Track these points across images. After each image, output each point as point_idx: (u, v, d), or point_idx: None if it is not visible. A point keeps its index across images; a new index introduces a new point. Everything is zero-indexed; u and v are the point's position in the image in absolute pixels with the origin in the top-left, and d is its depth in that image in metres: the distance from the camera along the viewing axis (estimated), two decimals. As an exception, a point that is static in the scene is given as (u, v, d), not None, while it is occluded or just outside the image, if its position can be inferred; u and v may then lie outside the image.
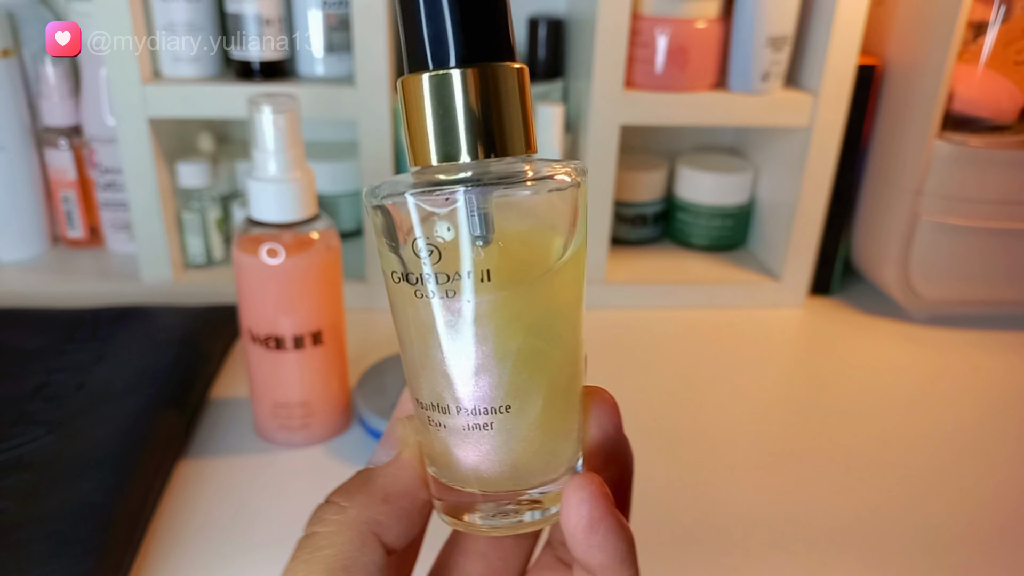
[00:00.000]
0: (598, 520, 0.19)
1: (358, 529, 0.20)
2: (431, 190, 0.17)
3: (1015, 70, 0.59)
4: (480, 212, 0.17)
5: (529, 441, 0.20)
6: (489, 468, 0.20)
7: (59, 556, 0.37)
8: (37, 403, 0.48)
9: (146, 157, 0.60)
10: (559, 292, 0.19)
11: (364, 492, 0.20)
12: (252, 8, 0.58)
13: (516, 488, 0.20)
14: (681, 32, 0.60)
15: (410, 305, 0.19)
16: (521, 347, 0.19)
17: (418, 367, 0.19)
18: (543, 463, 0.20)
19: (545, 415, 0.20)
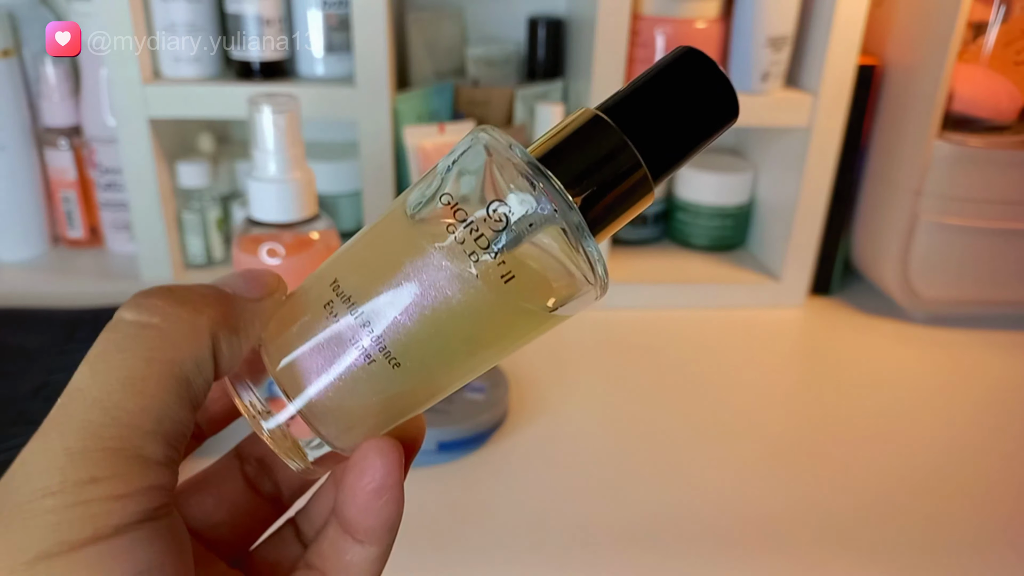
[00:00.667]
0: (388, 488, 0.19)
1: (206, 340, 0.18)
2: (528, 166, 0.19)
3: (1015, 70, 0.60)
4: (533, 220, 0.19)
5: (384, 400, 0.20)
6: (332, 395, 0.20)
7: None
8: (37, 403, 0.48)
9: (146, 157, 0.60)
10: (525, 329, 0.20)
11: (220, 306, 0.18)
12: (252, 8, 0.58)
13: (323, 426, 0.20)
14: (681, 32, 0.60)
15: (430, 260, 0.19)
16: (465, 345, 0.20)
17: (374, 268, 0.20)
18: (353, 425, 0.20)
19: (412, 396, 0.20)
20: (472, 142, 0.20)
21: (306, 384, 0.20)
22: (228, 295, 0.19)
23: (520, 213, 0.19)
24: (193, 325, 0.18)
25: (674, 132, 0.21)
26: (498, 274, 0.19)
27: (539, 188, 0.19)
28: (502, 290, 0.19)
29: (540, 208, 0.19)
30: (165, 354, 0.17)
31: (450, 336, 0.20)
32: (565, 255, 0.20)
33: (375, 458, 0.19)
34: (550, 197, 0.19)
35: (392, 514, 0.19)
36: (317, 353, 0.20)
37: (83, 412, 0.16)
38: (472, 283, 0.19)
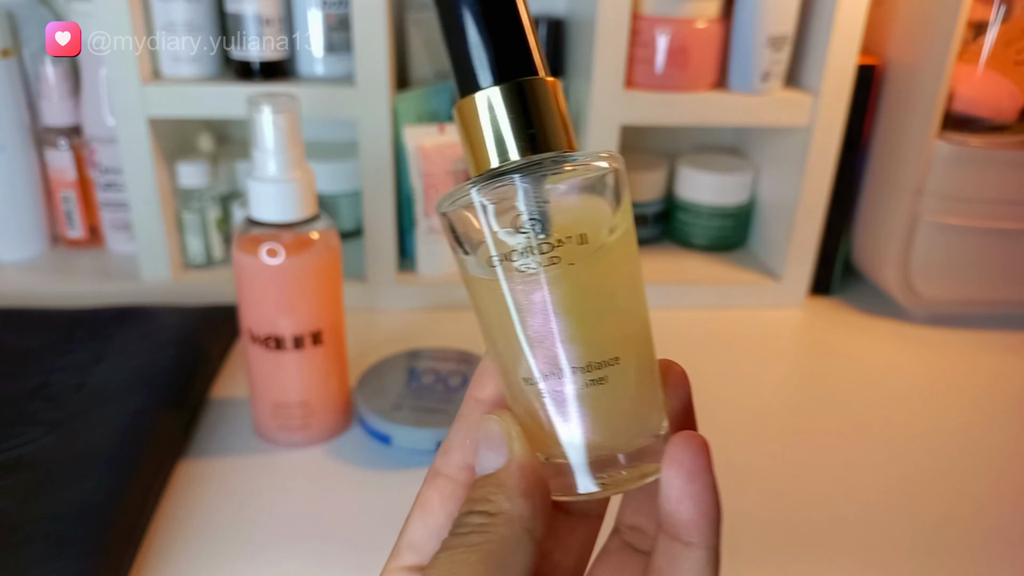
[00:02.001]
0: (699, 472, 0.20)
1: (512, 527, 0.20)
2: (490, 184, 0.21)
3: (1015, 70, 0.59)
4: (536, 198, 0.21)
5: (631, 393, 0.22)
6: (600, 426, 0.21)
7: (59, 556, 0.37)
8: (37, 403, 0.48)
9: (146, 157, 0.60)
10: (627, 258, 0.22)
11: (502, 495, 0.21)
12: (252, 8, 0.58)
13: (617, 449, 0.22)
14: (681, 32, 0.60)
15: (513, 286, 0.21)
16: (613, 307, 0.22)
17: (526, 345, 0.21)
18: (639, 421, 0.22)
19: (640, 367, 0.22)
20: (446, 217, 0.22)
21: (582, 440, 0.22)
22: (495, 478, 0.21)
23: (524, 210, 0.21)
24: (500, 520, 0.20)
25: (496, 35, 0.21)
26: (553, 250, 0.21)
27: (501, 185, 0.21)
28: (576, 255, 0.21)
29: (522, 186, 0.21)
30: (480, 548, 0.20)
31: (605, 312, 0.22)
32: (579, 186, 0.21)
33: (677, 443, 0.21)
34: (517, 176, 0.21)
35: (709, 503, 0.20)
36: (565, 418, 0.22)
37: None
38: (554, 272, 0.21)
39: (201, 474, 0.46)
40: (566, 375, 0.21)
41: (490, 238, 0.21)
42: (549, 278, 0.21)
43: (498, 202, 0.21)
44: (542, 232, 0.21)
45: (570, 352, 0.21)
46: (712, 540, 0.21)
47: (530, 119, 0.21)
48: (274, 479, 0.46)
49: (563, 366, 0.21)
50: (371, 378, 0.52)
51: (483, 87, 0.21)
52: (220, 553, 0.41)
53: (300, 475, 0.47)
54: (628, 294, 0.22)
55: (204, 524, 0.43)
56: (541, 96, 0.21)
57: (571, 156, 0.21)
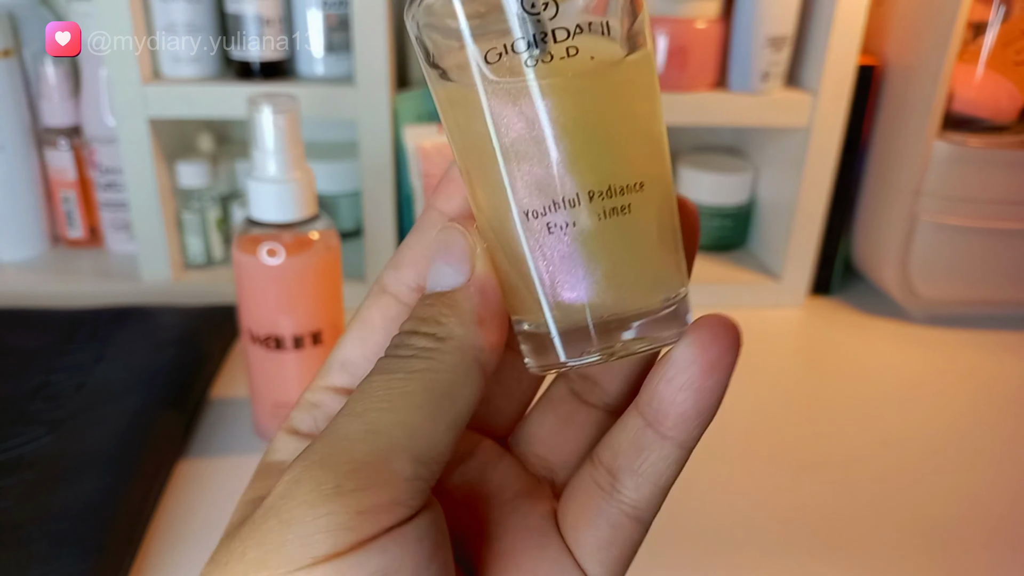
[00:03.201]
0: (721, 367, 0.17)
1: (462, 356, 0.17)
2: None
3: (1015, 70, 0.59)
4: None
5: (654, 232, 0.18)
6: (614, 274, 0.17)
7: (59, 556, 0.37)
8: (37, 403, 0.48)
9: (146, 157, 0.60)
10: (645, 80, 0.18)
11: (454, 318, 0.18)
12: (252, 8, 0.58)
13: (628, 310, 0.18)
14: (681, 32, 0.60)
15: (506, 97, 0.17)
16: (637, 129, 0.18)
17: (518, 170, 0.17)
18: (658, 274, 0.18)
19: (663, 202, 0.18)
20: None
21: (581, 296, 0.17)
22: (449, 297, 0.18)
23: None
24: (447, 348, 0.17)
25: None
26: (564, 42, 0.16)
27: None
28: (578, 67, 0.17)
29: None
30: (420, 375, 0.17)
31: (627, 128, 0.17)
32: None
33: (708, 325, 0.18)
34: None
35: (712, 402, 0.18)
36: (567, 265, 0.17)
37: (345, 424, 0.17)
38: (558, 75, 0.16)
39: (201, 474, 0.46)
40: (581, 201, 0.17)
41: (468, 40, 0.16)
42: (557, 82, 0.16)
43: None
44: (535, 34, 0.16)
45: (586, 171, 0.17)
46: (693, 441, 0.18)
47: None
48: (274, 479, 0.46)
49: (578, 189, 0.17)
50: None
51: None
52: (220, 553, 0.41)
53: (300, 475, 0.47)
54: (650, 122, 0.18)
55: (204, 524, 0.43)
56: None
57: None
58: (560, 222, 0.17)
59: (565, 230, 0.17)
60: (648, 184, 0.17)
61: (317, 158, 0.68)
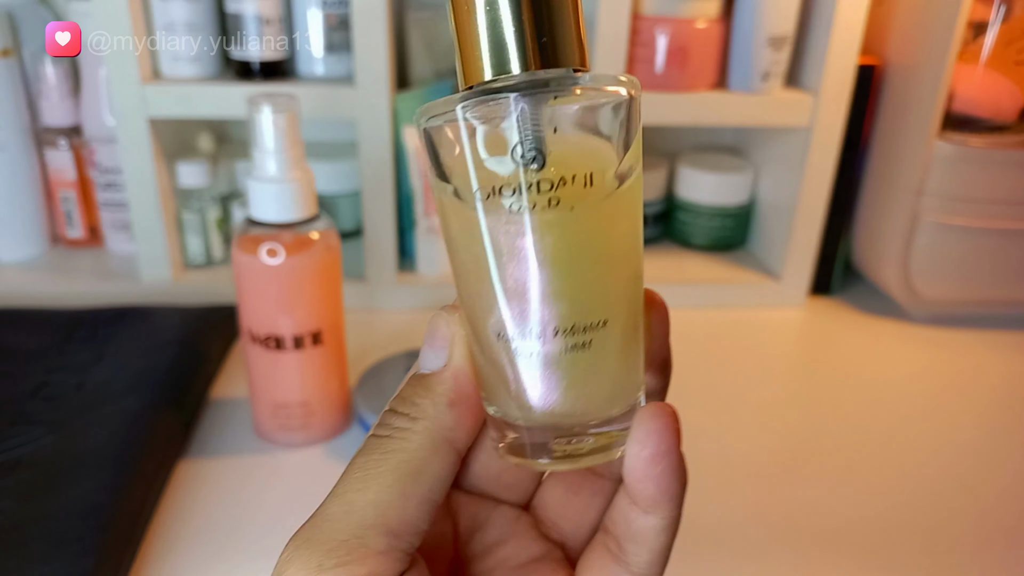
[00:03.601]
0: (664, 454, 0.19)
1: (431, 436, 0.20)
2: (482, 101, 0.17)
3: (1015, 70, 0.59)
4: (534, 125, 0.17)
5: (616, 358, 0.19)
6: (573, 395, 0.19)
7: (59, 556, 0.37)
8: (37, 403, 0.48)
9: (146, 157, 0.60)
10: (631, 209, 0.19)
11: (428, 400, 0.20)
12: (252, 8, 0.57)
13: (588, 420, 0.19)
14: (681, 32, 0.60)
15: (497, 227, 0.18)
16: (610, 261, 0.19)
17: (504, 297, 0.18)
18: (616, 391, 0.20)
19: (627, 331, 0.19)
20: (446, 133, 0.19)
21: (552, 408, 0.19)
22: (425, 381, 0.20)
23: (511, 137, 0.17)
24: (415, 430, 0.20)
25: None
26: (554, 190, 0.17)
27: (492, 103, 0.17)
28: (578, 198, 0.18)
29: (520, 107, 0.17)
30: (391, 457, 0.19)
31: (600, 268, 0.19)
32: (581, 113, 0.18)
33: (644, 420, 0.19)
34: (515, 95, 0.17)
35: (671, 483, 0.19)
36: (536, 383, 0.19)
37: (331, 507, 0.19)
38: (551, 216, 0.18)
39: (201, 474, 0.46)
40: (546, 336, 0.18)
41: (473, 167, 0.18)
42: (542, 222, 0.17)
43: (488, 123, 0.17)
44: (539, 165, 0.17)
45: (553, 310, 0.18)
46: (673, 513, 0.20)
47: (539, 26, 0.17)
48: (274, 479, 0.46)
49: (544, 326, 0.18)
50: (371, 378, 0.52)
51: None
52: (220, 553, 0.41)
53: (300, 475, 0.47)
54: (627, 248, 0.19)
55: (204, 524, 0.43)
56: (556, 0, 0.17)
57: (582, 77, 0.18)
58: (526, 350, 0.19)
59: (530, 357, 0.19)
60: (611, 320, 0.19)
61: (317, 158, 0.68)
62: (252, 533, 0.42)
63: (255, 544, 0.41)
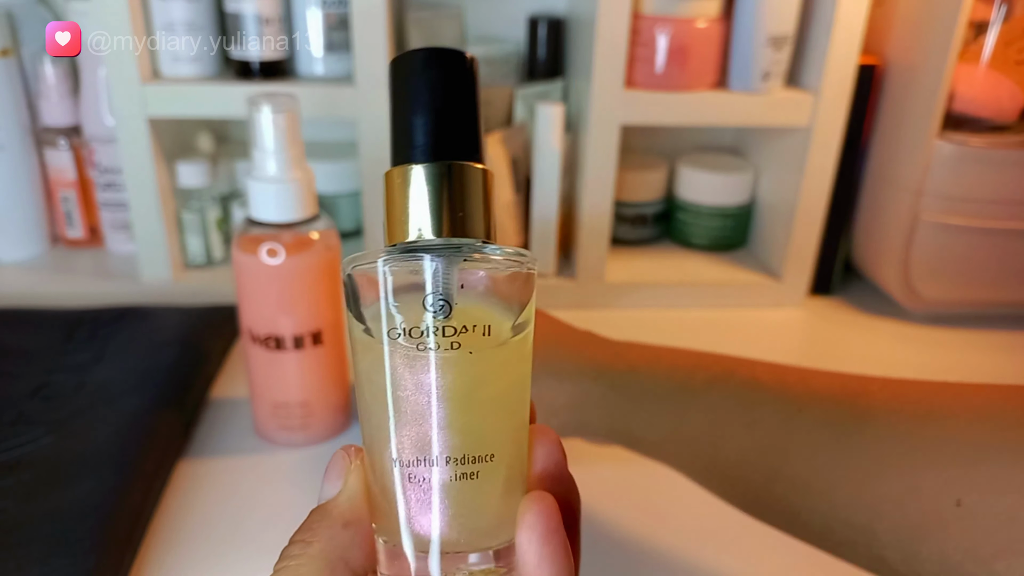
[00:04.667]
0: (552, 532, 0.21)
1: (325, 557, 0.21)
2: (401, 257, 0.21)
3: (1016, 70, 0.59)
4: (444, 280, 0.21)
5: (500, 491, 0.22)
6: (458, 524, 0.21)
7: (59, 556, 0.37)
8: (37, 403, 0.48)
9: (146, 157, 0.60)
10: (521, 360, 0.22)
11: (324, 524, 0.22)
12: (252, 8, 0.57)
13: (470, 549, 0.22)
14: (681, 31, 0.60)
15: (400, 362, 0.21)
16: (500, 403, 0.22)
17: (403, 423, 0.21)
18: (498, 523, 0.22)
19: (511, 469, 0.22)
20: (358, 280, 0.21)
21: (435, 533, 0.21)
22: (323, 509, 0.22)
23: (430, 283, 0.21)
24: (309, 556, 0.21)
25: (448, 120, 0.21)
26: (456, 335, 0.21)
27: (412, 258, 0.21)
28: (477, 344, 0.21)
29: (432, 265, 0.20)
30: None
31: (492, 407, 0.21)
32: (488, 279, 0.21)
33: (527, 507, 0.21)
34: (429, 254, 0.20)
35: (562, 560, 0.21)
36: (423, 508, 0.21)
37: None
38: (451, 357, 0.21)
39: (201, 474, 0.46)
40: (438, 463, 0.21)
41: (386, 310, 0.21)
42: (445, 361, 0.21)
43: (402, 275, 0.21)
44: (442, 316, 0.20)
45: (446, 440, 0.21)
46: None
47: (455, 202, 0.21)
48: (274, 479, 0.46)
49: (437, 453, 0.21)
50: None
51: (415, 161, 0.21)
52: (220, 553, 0.41)
53: (300, 475, 0.47)
54: (517, 394, 0.22)
55: (204, 524, 0.43)
56: (470, 183, 0.21)
57: (487, 247, 0.21)
58: (419, 475, 0.21)
59: (422, 483, 0.21)
60: (498, 456, 0.21)
61: (317, 158, 0.68)
62: (252, 533, 0.42)
63: (255, 544, 0.41)
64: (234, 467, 0.47)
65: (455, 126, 0.21)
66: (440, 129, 0.21)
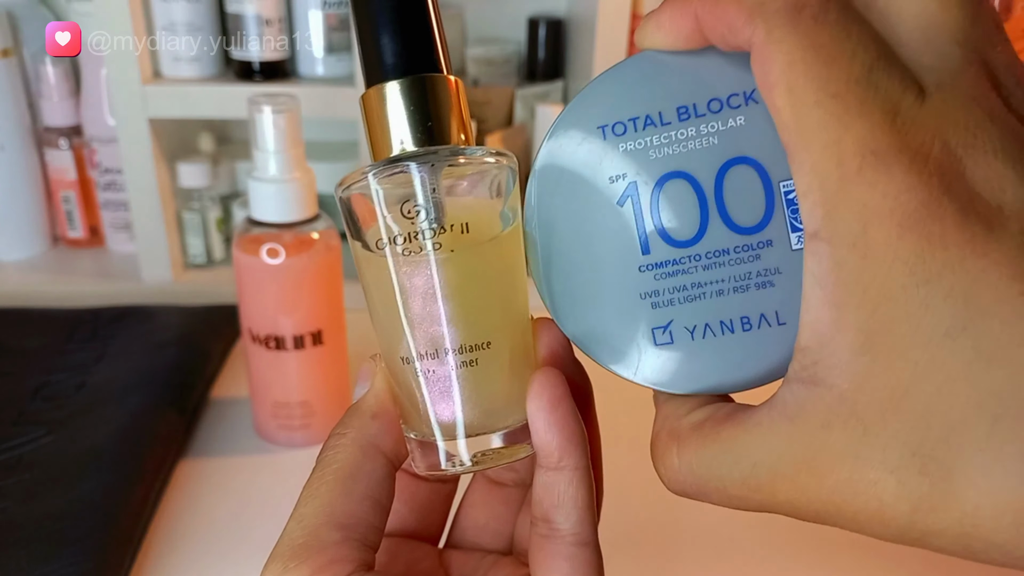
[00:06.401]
0: (558, 400, 0.22)
1: (359, 443, 0.23)
2: (386, 170, 0.22)
3: (1015, 70, 0.59)
4: (429, 185, 0.22)
5: (504, 375, 0.23)
6: (471, 407, 0.23)
7: (59, 556, 0.37)
8: (37, 403, 0.48)
9: (146, 157, 0.60)
10: (511, 253, 0.23)
11: (355, 417, 0.24)
12: (252, 8, 0.58)
13: (487, 429, 0.23)
14: (681, 32, 0.60)
15: (400, 268, 0.22)
16: (490, 295, 0.23)
17: (408, 323, 0.23)
18: (511, 403, 0.23)
19: (513, 353, 0.23)
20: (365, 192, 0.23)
21: (455, 419, 0.23)
22: (355, 406, 0.24)
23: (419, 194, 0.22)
24: (346, 441, 0.23)
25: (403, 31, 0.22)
26: (436, 236, 0.22)
27: (398, 171, 0.22)
28: (458, 243, 0.22)
29: (417, 174, 0.22)
30: (330, 468, 0.23)
31: (483, 299, 0.23)
32: (468, 180, 0.23)
33: (536, 379, 0.22)
34: (413, 164, 0.22)
35: (573, 427, 0.22)
36: (439, 398, 0.23)
37: (288, 525, 0.23)
38: (436, 258, 0.22)
39: (201, 474, 0.46)
40: (441, 356, 0.22)
41: (382, 221, 0.22)
42: (433, 262, 0.22)
43: (392, 188, 0.22)
44: (432, 219, 0.22)
45: (447, 334, 0.22)
46: (581, 461, 0.22)
47: (428, 113, 0.22)
48: (274, 479, 0.46)
49: (438, 347, 0.22)
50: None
51: (387, 79, 0.22)
52: (220, 553, 0.41)
53: (300, 475, 0.47)
54: (507, 284, 0.23)
55: (204, 524, 0.43)
56: (441, 92, 0.22)
57: (466, 149, 0.23)
58: (426, 368, 0.23)
59: (430, 375, 0.23)
60: (495, 342, 0.23)
61: (317, 158, 0.68)
62: (252, 533, 0.42)
63: (255, 544, 0.41)
64: (234, 467, 0.47)
65: (418, 41, 0.22)
66: (405, 46, 0.22)
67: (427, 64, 0.22)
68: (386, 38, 0.22)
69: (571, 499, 0.22)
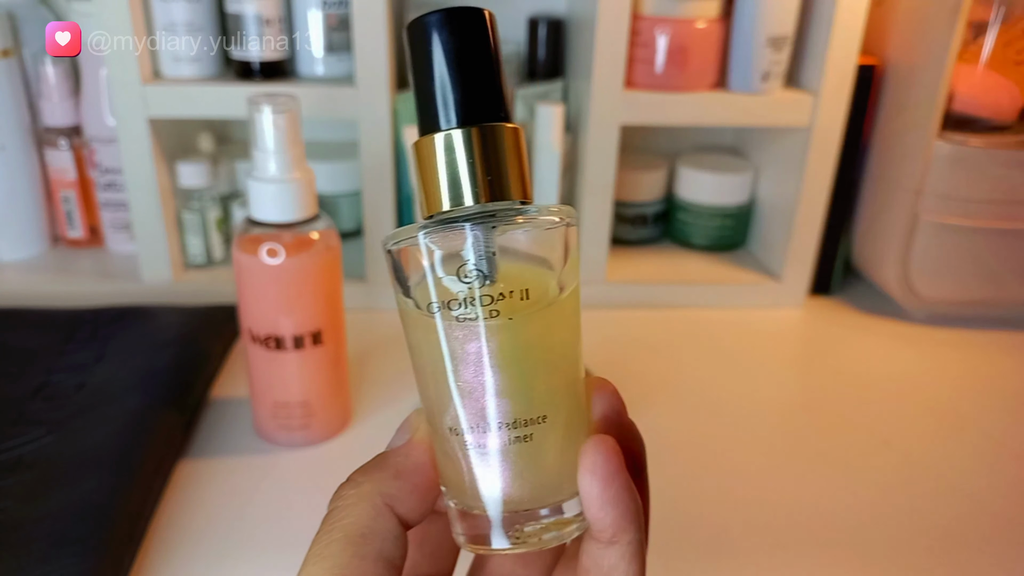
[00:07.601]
0: (613, 475, 0.20)
1: (372, 501, 0.21)
2: (440, 228, 0.20)
3: (1015, 70, 0.59)
4: (485, 247, 0.20)
5: (558, 449, 0.21)
6: (521, 483, 0.21)
7: (59, 556, 0.37)
8: (37, 403, 0.48)
9: (146, 157, 0.60)
10: (570, 316, 0.22)
11: (378, 469, 0.22)
12: (252, 8, 0.58)
13: (537, 506, 0.22)
14: (681, 32, 0.60)
15: (451, 333, 0.21)
16: (547, 364, 0.22)
17: (458, 393, 0.21)
18: (562, 480, 0.22)
19: (568, 426, 0.22)
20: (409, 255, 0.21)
21: (504, 495, 0.21)
22: (384, 456, 0.23)
23: (470, 256, 0.20)
24: (358, 496, 0.22)
25: (469, 82, 0.21)
26: (494, 303, 0.20)
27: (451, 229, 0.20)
28: (516, 309, 0.20)
29: (472, 234, 0.20)
30: (339, 524, 0.21)
31: (540, 370, 0.21)
32: (527, 240, 0.21)
33: (587, 452, 0.21)
34: (468, 223, 0.20)
35: (628, 502, 0.21)
36: (487, 472, 0.21)
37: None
38: (493, 325, 0.20)
39: (201, 474, 0.46)
40: (492, 429, 0.21)
41: (432, 283, 0.21)
42: (486, 329, 0.20)
43: (445, 247, 0.20)
44: (486, 282, 0.20)
45: (498, 406, 0.21)
46: (636, 535, 0.21)
47: (488, 166, 0.21)
48: (274, 479, 0.46)
49: (490, 420, 0.21)
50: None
51: (445, 128, 0.21)
52: (220, 553, 0.41)
53: (300, 475, 0.47)
54: (565, 352, 0.22)
55: (204, 524, 0.43)
56: (503, 143, 0.21)
57: (525, 208, 0.21)
58: (474, 442, 0.21)
59: (480, 448, 0.21)
60: (551, 415, 0.21)
61: (317, 158, 0.68)
62: (252, 533, 0.42)
63: (255, 544, 0.41)
64: (234, 467, 0.47)
65: (478, 88, 0.21)
66: (463, 93, 0.21)
67: (489, 112, 0.21)
68: (446, 83, 0.21)
69: (622, 573, 0.21)
